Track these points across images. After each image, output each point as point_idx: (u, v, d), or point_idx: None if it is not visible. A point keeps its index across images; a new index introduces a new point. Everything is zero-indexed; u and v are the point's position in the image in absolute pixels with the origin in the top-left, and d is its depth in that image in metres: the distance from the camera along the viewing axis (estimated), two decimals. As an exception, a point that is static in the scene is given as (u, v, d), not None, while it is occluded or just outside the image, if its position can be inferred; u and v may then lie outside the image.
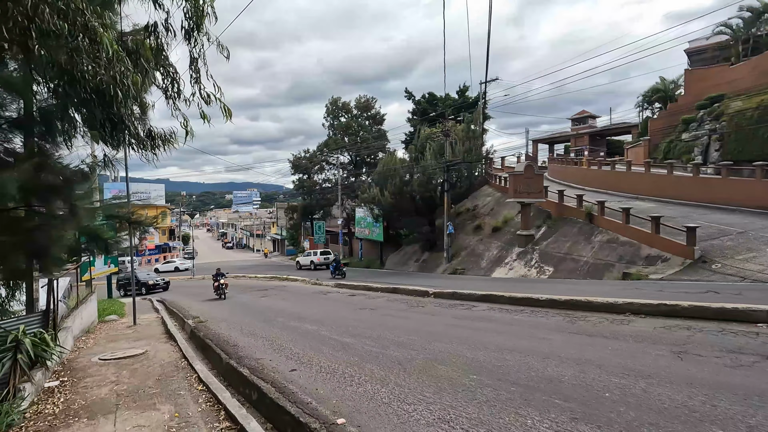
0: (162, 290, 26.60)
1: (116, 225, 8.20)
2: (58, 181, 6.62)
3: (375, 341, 7.34)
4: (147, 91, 5.08)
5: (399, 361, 5.86)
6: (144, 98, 5.27)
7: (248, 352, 7.16)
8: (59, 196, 6.87)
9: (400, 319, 9.59)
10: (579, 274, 17.12)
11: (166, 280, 27.80)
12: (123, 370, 6.79)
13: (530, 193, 21.19)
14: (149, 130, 5.41)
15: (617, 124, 48.60)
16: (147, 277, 27.97)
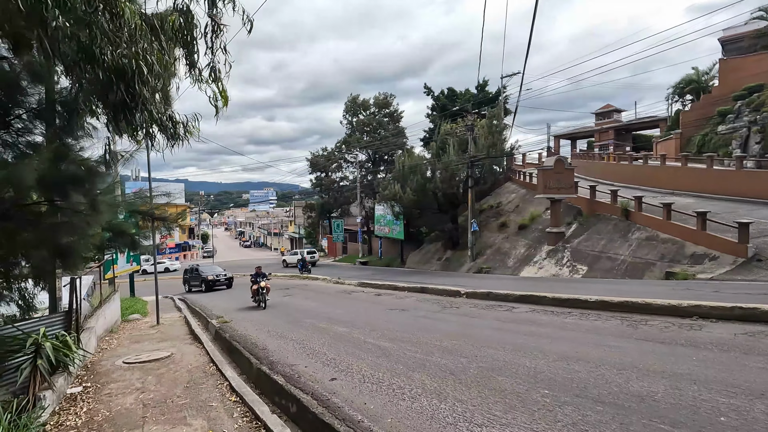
0: (225, 287, 23.05)
1: (139, 221, 7.80)
2: (80, 172, 6.20)
3: (416, 346, 6.74)
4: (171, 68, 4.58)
5: (450, 371, 5.25)
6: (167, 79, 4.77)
7: (280, 357, 6.65)
8: (81, 189, 6.47)
9: (437, 321, 8.97)
10: (616, 273, 16.22)
11: (228, 275, 23.63)
12: (149, 375, 6.35)
13: (560, 188, 20.29)
14: (171, 116, 4.91)
15: (644, 118, 46.91)
16: (207, 271, 23.88)
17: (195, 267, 24.92)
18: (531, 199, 26.51)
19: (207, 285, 22.47)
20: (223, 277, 23.17)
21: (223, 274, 23.43)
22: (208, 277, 22.73)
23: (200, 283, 22.86)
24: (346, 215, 47.49)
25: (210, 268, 25.04)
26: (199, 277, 23.27)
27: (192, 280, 24.01)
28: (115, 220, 7.04)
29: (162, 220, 8.03)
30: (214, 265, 29.84)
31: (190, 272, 24.60)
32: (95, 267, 12.29)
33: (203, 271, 23.75)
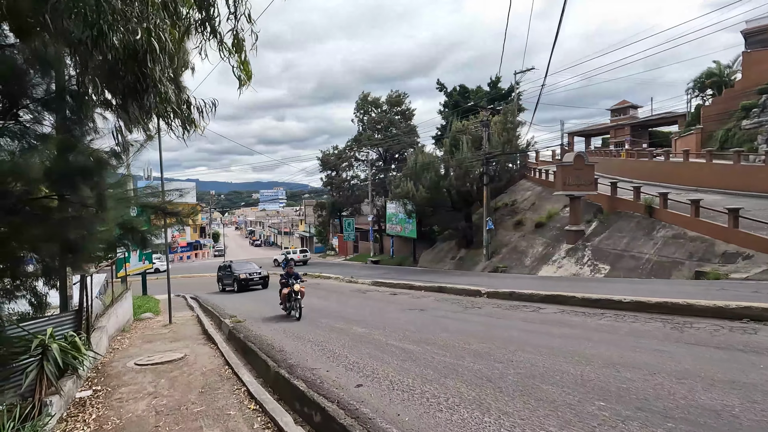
0: (260, 287, 20.72)
1: (151, 216, 7.48)
2: (89, 164, 5.87)
3: (443, 349, 6.31)
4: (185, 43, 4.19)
5: (487, 377, 4.81)
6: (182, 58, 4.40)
7: (299, 360, 6.27)
8: (89, 182, 6.15)
9: (461, 323, 8.52)
10: (641, 272, 15.59)
11: (263, 273, 21.27)
12: (161, 379, 6.01)
13: (580, 185, 19.66)
14: (186, 99, 4.53)
15: (661, 114, 45.78)
16: (240, 268, 21.30)
17: (228, 264, 22.60)
18: (548, 197, 25.88)
19: (240, 284, 20.04)
20: (257, 276, 20.67)
21: (257, 272, 20.98)
22: (241, 275, 20.20)
23: (232, 282, 20.48)
24: (356, 214, 47.13)
25: (243, 265, 22.37)
26: (231, 276, 20.82)
27: (225, 278, 21.79)
28: (125, 215, 6.71)
29: (174, 216, 7.70)
30: (249, 261, 26.91)
31: (223, 270, 22.35)
32: (106, 266, 12.06)
33: (236, 268, 21.10)
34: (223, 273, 22.22)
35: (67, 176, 6.17)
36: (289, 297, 10.38)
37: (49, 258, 7.02)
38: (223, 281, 21.94)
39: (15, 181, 6.20)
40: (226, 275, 21.65)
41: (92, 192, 6.53)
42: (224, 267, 22.52)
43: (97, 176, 6.49)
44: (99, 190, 6.39)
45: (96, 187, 6.48)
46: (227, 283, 21.34)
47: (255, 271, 21.14)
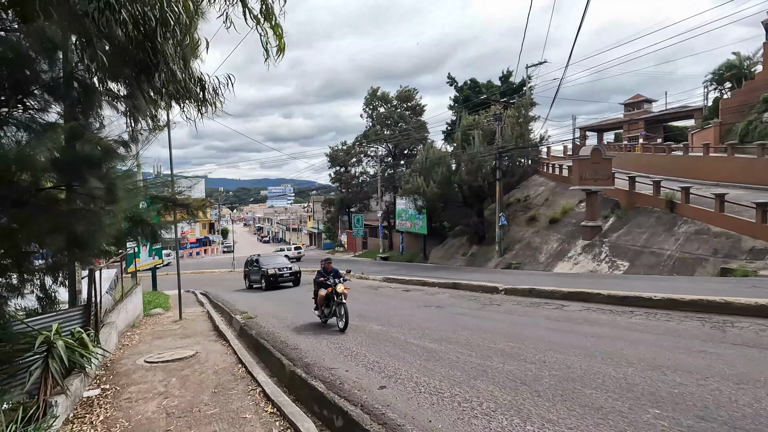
0: (291, 284, 18.44)
1: (160, 209, 7.20)
2: (96, 153, 5.60)
3: (467, 348, 5.96)
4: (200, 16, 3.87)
5: (520, 379, 4.46)
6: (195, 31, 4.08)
7: (315, 359, 5.96)
8: (97, 172, 5.89)
9: (481, 320, 8.16)
10: (662, 269, 15.08)
11: (294, 268, 18.89)
12: (172, 377, 5.74)
13: (597, 179, 19.12)
14: (200, 78, 4.22)
15: (676, 108, 44.79)
16: (268, 263, 19.04)
17: (255, 258, 20.21)
18: (562, 192, 25.35)
19: (268, 281, 17.73)
20: (287, 272, 18.34)
21: (287, 267, 18.62)
22: (269, 270, 17.91)
23: (260, 278, 18.33)
24: (365, 210, 46.82)
25: (272, 259, 20.30)
26: (258, 271, 18.65)
27: (252, 274, 19.63)
28: (134, 207, 6.44)
29: (184, 207, 7.42)
30: (278, 254, 24.31)
31: (250, 265, 20.08)
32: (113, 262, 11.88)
33: (264, 263, 18.92)
34: (250, 268, 19.98)
35: (73, 166, 5.91)
36: (329, 300, 8.27)
37: (57, 252, 6.81)
38: (250, 277, 19.81)
39: (20, 170, 5.95)
40: (253, 270, 19.55)
41: (100, 183, 6.29)
42: (251, 261, 20.20)
43: (105, 166, 6.22)
44: (107, 181, 6.14)
45: (104, 178, 6.23)
46: (254, 280, 19.21)
47: (285, 265, 18.81)
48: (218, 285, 22.89)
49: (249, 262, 20.47)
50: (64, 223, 6.29)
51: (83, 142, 5.74)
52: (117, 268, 12.27)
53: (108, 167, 6.00)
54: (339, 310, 7.84)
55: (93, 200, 6.35)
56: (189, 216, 9.17)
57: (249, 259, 20.76)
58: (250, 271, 19.82)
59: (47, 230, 6.26)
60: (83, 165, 5.87)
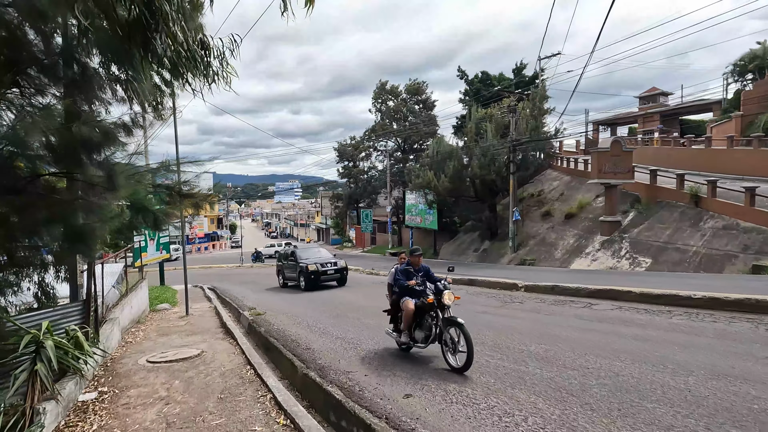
0: (336, 283, 14.99)
1: (166, 196, 6.75)
2: (94, 135, 5.14)
3: (496, 351, 5.44)
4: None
5: (565, 389, 3.93)
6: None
7: (330, 360, 5.48)
8: (96, 156, 5.44)
9: (505, 319, 7.63)
10: (688, 266, 14.40)
11: (339, 263, 15.05)
12: (175, 380, 5.29)
13: (617, 173, 18.40)
14: (201, 40, 3.71)
15: (694, 101, 43.51)
16: (307, 257, 15.45)
17: (290, 251, 16.81)
18: (577, 186, 24.63)
19: (308, 279, 14.23)
20: (331, 268, 14.71)
21: (331, 262, 14.98)
22: (308, 266, 14.34)
23: (298, 276, 14.94)
24: (374, 205, 46.31)
25: (311, 251, 16.62)
26: (296, 267, 15.17)
27: (286, 270, 16.21)
28: (135, 194, 5.99)
29: (190, 198, 6.97)
30: (317, 246, 19.82)
31: (285, 258, 16.69)
32: (120, 255, 11.52)
33: (302, 257, 15.35)
34: (284, 263, 16.51)
35: (70, 150, 5.46)
36: (422, 317, 5.32)
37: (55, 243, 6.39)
38: (284, 274, 16.44)
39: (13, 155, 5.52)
40: (288, 266, 16.08)
41: (100, 169, 5.85)
42: (286, 255, 16.82)
43: (105, 150, 5.77)
44: (106, 167, 5.70)
45: (103, 165, 5.79)
46: (290, 277, 15.84)
47: (328, 260, 15.13)
48: (225, 280, 22.55)
49: (283, 255, 17.17)
50: (63, 213, 5.87)
51: (80, 124, 5.28)
52: (123, 263, 11.92)
53: (107, 151, 5.56)
54: (450, 334, 4.81)
55: (92, 188, 5.92)
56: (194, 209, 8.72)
57: (283, 252, 17.65)
58: (284, 267, 16.49)
59: (44, 220, 5.85)
60: (81, 149, 5.42)
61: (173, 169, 6.81)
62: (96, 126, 5.28)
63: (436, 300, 5.08)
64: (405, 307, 5.34)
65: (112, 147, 5.69)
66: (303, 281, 14.49)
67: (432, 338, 5.11)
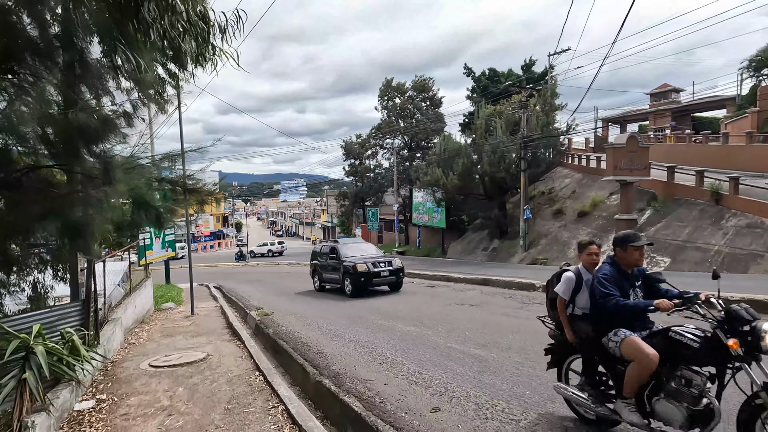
0: (388, 287, 12.25)
1: (170, 191, 6.38)
2: (92, 123, 4.76)
3: (525, 357, 5.02)
4: None
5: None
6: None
7: (344, 366, 5.08)
8: (95, 146, 5.07)
9: (528, 321, 7.18)
10: (710, 265, 13.83)
11: (394, 262, 12.22)
12: (179, 387, 4.92)
13: (633, 169, 17.83)
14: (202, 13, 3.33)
15: (706, 98, 42.68)
16: (353, 254, 12.52)
17: (330, 247, 13.41)
18: (590, 184, 24.08)
19: (357, 282, 11.41)
20: (385, 268, 11.81)
21: (384, 260, 12.13)
22: (357, 266, 11.52)
23: (341, 277, 12.12)
24: (380, 203, 45.92)
25: (355, 246, 13.41)
26: (338, 266, 12.31)
27: (324, 270, 13.22)
28: (135, 189, 5.60)
29: (194, 193, 6.60)
30: (362, 241, 15.74)
31: (322, 256, 13.48)
32: (124, 250, 11.20)
33: (345, 253, 12.43)
34: (322, 261, 13.40)
35: (66, 139, 5.10)
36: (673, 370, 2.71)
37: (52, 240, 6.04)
38: (321, 275, 13.39)
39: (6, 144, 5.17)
40: (327, 265, 13.06)
41: (97, 160, 5.48)
42: (323, 252, 13.59)
43: (104, 141, 5.39)
44: (104, 158, 5.33)
45: (101, 157, 5.42)
46: (330, 279, 12.97)
47: (380, 258, 12.31)
48: (231, 278, 22.24)
49: (319, 253, 13.86)
50: (59, 207, 5.50)
51: (77, 111, 4.91)
52: (128, 260, 11.61)
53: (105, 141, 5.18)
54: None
55: (91, 181, 5.55)
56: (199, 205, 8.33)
57: (319, 249, 14.13)
58: (321, 266, 13.37)
59: (39, 214, 5.49)
60: (78, 138, 5.05)
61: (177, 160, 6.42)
62: (94, 113, 4.91)
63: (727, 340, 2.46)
64: (634, 351, 2.78)
65: (112, 137, 5.31)
66: (349, 285, 11.62)
67: (706, 421, 2.54)
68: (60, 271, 6.79)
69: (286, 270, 25.82)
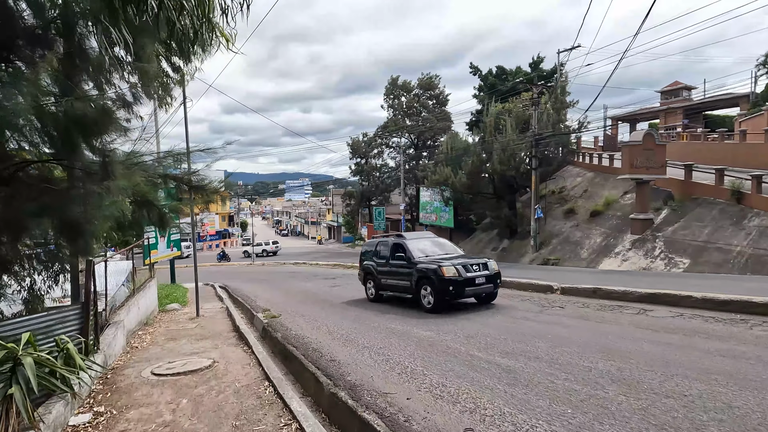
0: (478, 299, 9.28)
1: (174, 188, 6.03)
2: (90, 112, 4.41)
3: (557, 368, 4.60)
4: None
5: (673, 427, 3.08)
6: None
7: (360, 377, 4.70)
8: (93, 138, 4.71)
9: (551, 327, 6.76)
10: (732, 267, 13.35)
11: (489, 265, 9.00)
12: (183, 398, 4.55)
13: (649, 167, 17.32)
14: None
15: (719, 95, 41.85)
16: (426, 251, 9.70)
17: (395, 244, 10.06)
18: (602, 183, 23.56)
19: (442, 291, 8.44)
20: (481, 273, 8.78)
21: (476, 263, 8.95)
22: (442, 270, 8.42)
23: (412, 284, 9.12)
24: (386, 203, 45.52)
25: (429, 244, 10.18)
26: (407, 269, 9.34)
27: (384, 275, 10.20)
28: (137, 186, 5.25)
29: (199, 190, 6.23)
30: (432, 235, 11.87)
31: (379, 256, 10.47)
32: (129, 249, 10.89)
33: (417, 253, 9.49)
34: (379, 262, 10.34)
35: (62, 130, 4.75)
36: None
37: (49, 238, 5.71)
38: (378, 281, 10.33)
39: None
40: (389, 268, 10.02)
41: (95, 154, 5.14)
42: (379, 252, 10.48)
43: (102, 132, 5.03)
44: (103, 152, 4.98)
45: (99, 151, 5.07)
46: (393, 285, 9.97)
47: (471, 260, 9.08)
48: (236, 278, 21.94)
49: (373, 252, 10.65)
50: (55, 204, 5.16)
51: (73, 99, 4.56)
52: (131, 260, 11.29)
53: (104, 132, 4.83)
54: None
55: (90, 177, 5.21)
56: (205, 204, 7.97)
57: (373, 248, 10.73)
58: (379, 269, 10.25)
59: (34, 211, 5.15)
60: (74, 129, 4.69)
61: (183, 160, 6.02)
62: (91, 102, 4.55)
63: None
64: None
65: (112, 130, 4.95)
66: (430, 296, 8.52)
67: None
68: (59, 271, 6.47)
69: (291, 270, 25.51)
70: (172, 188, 6.54)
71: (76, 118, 4.45)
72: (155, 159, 5.77)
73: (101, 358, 5.48)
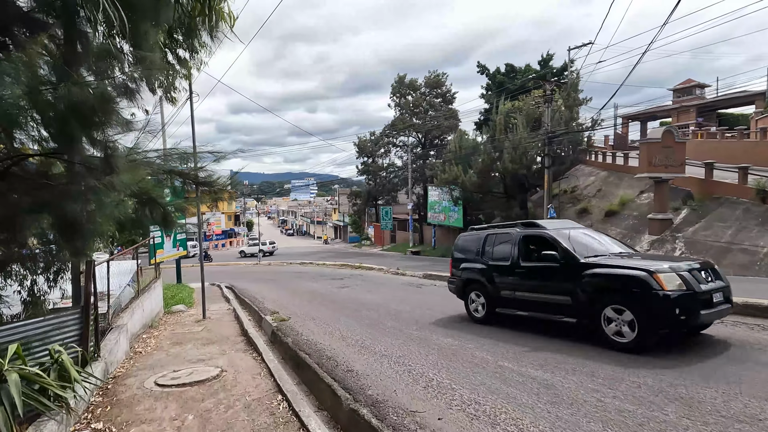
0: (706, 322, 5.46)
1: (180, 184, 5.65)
2: (88, 99, 4.01)
3: (600, 381, 4.15)
4: None
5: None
6: None
7: (382, 390, 4.28)
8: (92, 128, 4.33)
9: (579, 335, 6.29)
10: (759, 269, 12.82)
11: (721, 273, 5.70)
12: (189, 413, 4.16)
13: (669, 166, 16.76)
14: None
15: (734, 94, 41.01)
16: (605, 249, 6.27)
17: (532, 234, 6.80)
18: (616, 182, 23.01)
19: (662, 317, 4.96)
20: (718, 286, 5.35)
21: (701, 267, 5.45)
22: (659, 276, 4.99)
23: (579, 300, 5.75)
24: (393, 202, 45.11)
25: (585, 235, 6.74)
26: (566, 273, 5.95)
27: (505, 284, 7.02)
28: (141, 182, 4.86)
29: (206, 186, 5.86)
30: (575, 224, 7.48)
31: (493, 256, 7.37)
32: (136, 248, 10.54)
33: (575, 244, 6.17)
34: (496, 265, 7.29)
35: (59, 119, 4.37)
36: None
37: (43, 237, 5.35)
38: (496, 291, 7.20)
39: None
40: (515, 271, 6.90)
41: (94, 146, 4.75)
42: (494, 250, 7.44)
43: (103, 123, 4.63)
44: (103, 143, 4.59)
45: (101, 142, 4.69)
46: (533, 301, 6.62)
47: (691, 264, 5.38)
48: (243, 278, 21.59)
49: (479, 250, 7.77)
50: (55, 200, 4.79)
51: (69, 85, 4.17)
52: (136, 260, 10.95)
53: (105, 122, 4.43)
54: None
55: (91, 172, 4.82)
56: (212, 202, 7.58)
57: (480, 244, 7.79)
58: (500, 273, 7.20)
59: (29, 208, 4.79)
60: (72, 119, 4.30)
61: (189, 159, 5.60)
62: (90, 88, 4.17)
63: None
64: None
65: (112, 119, 4.56)
66: (629, 324, 5.15)
67: None
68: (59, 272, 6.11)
69: (298, 269, 25.16)
70: (177, 185, 6.18)
71: (73, 106, 4.07)
72: (160, 155, 5.37)
73: (101, 366, 5.10)
